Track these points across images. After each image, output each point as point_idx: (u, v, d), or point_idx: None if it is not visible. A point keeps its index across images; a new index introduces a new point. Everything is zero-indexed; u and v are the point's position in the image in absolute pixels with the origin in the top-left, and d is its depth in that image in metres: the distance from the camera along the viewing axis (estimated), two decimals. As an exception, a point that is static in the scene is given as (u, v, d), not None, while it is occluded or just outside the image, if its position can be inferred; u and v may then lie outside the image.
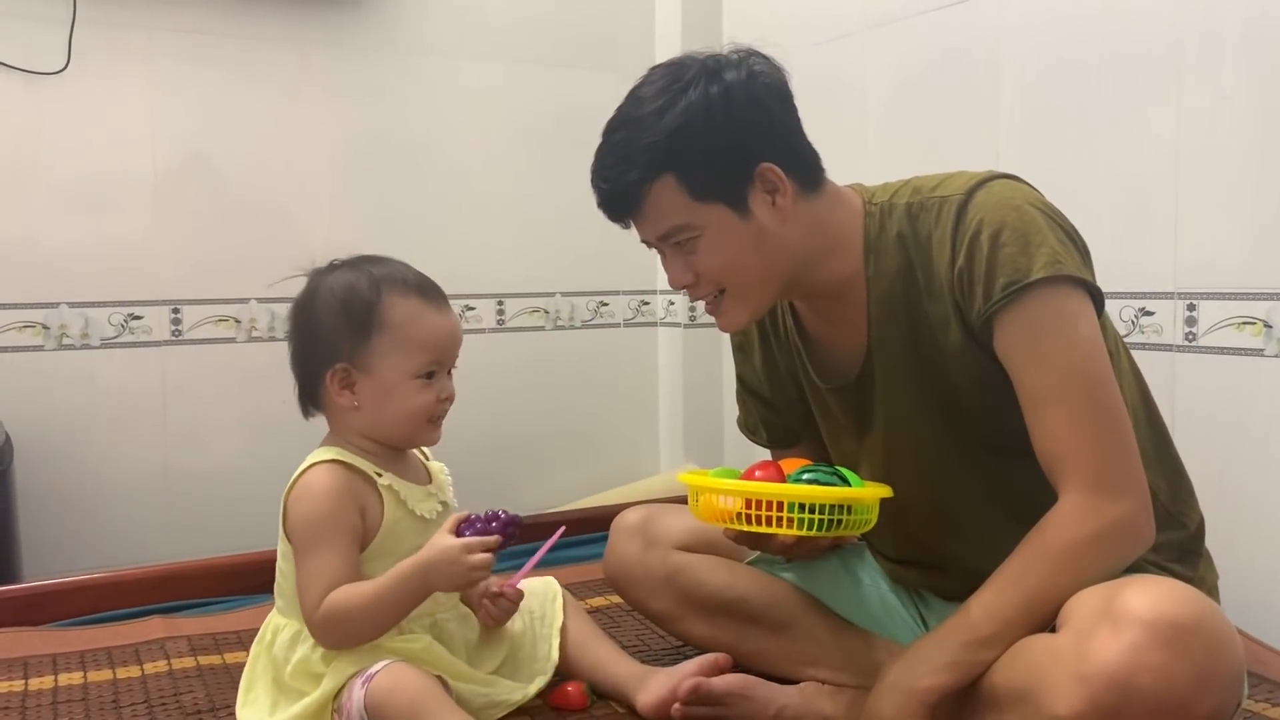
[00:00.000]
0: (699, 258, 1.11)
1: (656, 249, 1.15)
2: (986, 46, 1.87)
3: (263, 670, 1.20)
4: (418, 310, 1.17)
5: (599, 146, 1.15)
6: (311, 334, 1.20)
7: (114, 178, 2.08)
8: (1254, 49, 1.50)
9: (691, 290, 1.14)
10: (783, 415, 1.31)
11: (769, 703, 1.19)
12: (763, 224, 1.09)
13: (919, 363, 1.12)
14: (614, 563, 1.37)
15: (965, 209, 1.06)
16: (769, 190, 1.09)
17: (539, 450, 2.48)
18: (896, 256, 1.11)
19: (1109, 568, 1.00)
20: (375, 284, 1.17)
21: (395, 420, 1.18)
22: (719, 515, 1.07)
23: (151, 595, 1.70)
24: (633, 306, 2.61)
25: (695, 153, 1.07)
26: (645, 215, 1.11)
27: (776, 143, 1.10)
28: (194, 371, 2.15)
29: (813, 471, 1.06)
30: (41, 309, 2.04)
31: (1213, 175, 1.55)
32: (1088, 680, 0.88)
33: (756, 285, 1.12)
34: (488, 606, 1.23)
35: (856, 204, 1.15)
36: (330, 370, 1.17)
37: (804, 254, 1.12)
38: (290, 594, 1.17)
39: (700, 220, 1.09)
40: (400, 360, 1.16)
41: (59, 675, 1.41)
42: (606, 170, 1.12)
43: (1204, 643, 0.88)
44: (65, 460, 2.05)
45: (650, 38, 2.57)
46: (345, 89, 2.26)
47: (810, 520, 1.02)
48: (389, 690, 1.07)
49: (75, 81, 2.02)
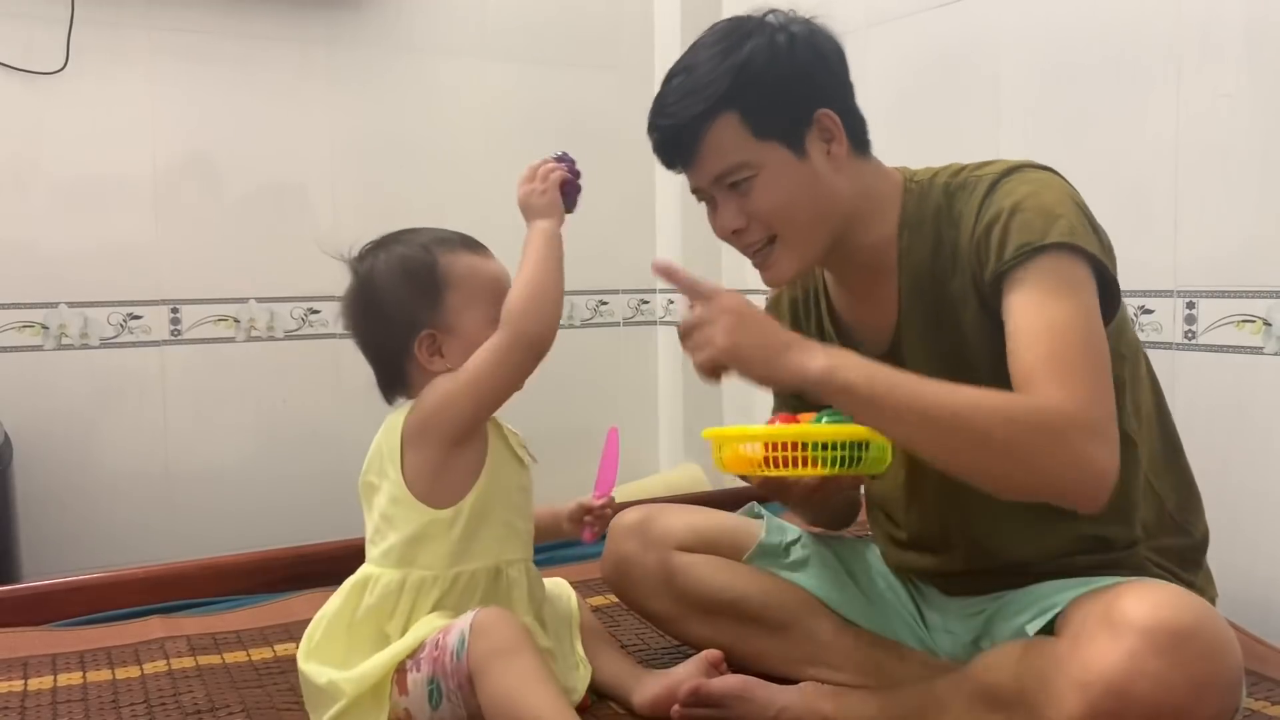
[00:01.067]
0: (753, 199, 1.12)
1: (707, 197, 1.17)
2: (987, 44, 1.87)
3: (337, 615, 1.16)
4: (471, 261, 1.21)
5: (658, 93, 1.17)
6: (382, 314, 1.20)
7: (113, 177, 2.08)
8: (1254, 46, 1.50)
9: (741, 236, 1.15)
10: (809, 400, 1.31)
11: (768, 704, 1.19)
12: (817, 168, 1.12)
13: (941, 339, 1.13)
14: (613, 563, 1.37)
15: (996, 186, 1.09)
16: (825, 138, 1.12)
17: (539, 450, 2.46)
18: (929, 233, 1.13)
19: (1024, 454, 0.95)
20: (426, 249, 1.20)
21: None
22: (744, 463, 1.09)
23: (151, 595, 1.70)
24: (632, 305, 2.61)
25: (758, 91, 1.10)
26: (703, 155, 1.12)
27: (834, 94, 1.14)
28: (193, 371, 2.15)
29: (830, 415, 1.08)
30: (41, 309, 2.04)
31: (1212, 173, 1.55)
32: (1086, 687, 0.88)
33: (806, 231, 1.14)
34: (590, 521, 1.29)
35: (897, 179, 1.18)
36: (416, 340, 1.17)
37: (850, 211, 1.14)
38: (394, 540, 1.15)
39: (759, 159, 1.11)
40: (477, 311, 1.18)
41: (58, 675, 1.41)
42: (668, 109, 1.14)
43: (1202, 649, 0.88)
44: (65, 460, 2.05)
45: (650, 37, 2.57)
46: (345, 88, 2.26)
47: (831, 458, 1.04)
48: (499, 616, 1.08)
49: (74, 81, 2.02)
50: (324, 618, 1.18)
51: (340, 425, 1.25)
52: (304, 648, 1.17)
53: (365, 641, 1.15)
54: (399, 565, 1.16)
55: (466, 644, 1.06)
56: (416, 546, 1.16)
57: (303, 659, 1.16)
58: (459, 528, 1.15)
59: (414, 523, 1.16)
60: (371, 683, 1.10)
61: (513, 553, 1.20)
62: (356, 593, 1.17)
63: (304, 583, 1.74)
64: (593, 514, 1.29)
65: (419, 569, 1.15)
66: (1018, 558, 1.14)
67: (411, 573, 1.15)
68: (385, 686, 1.11)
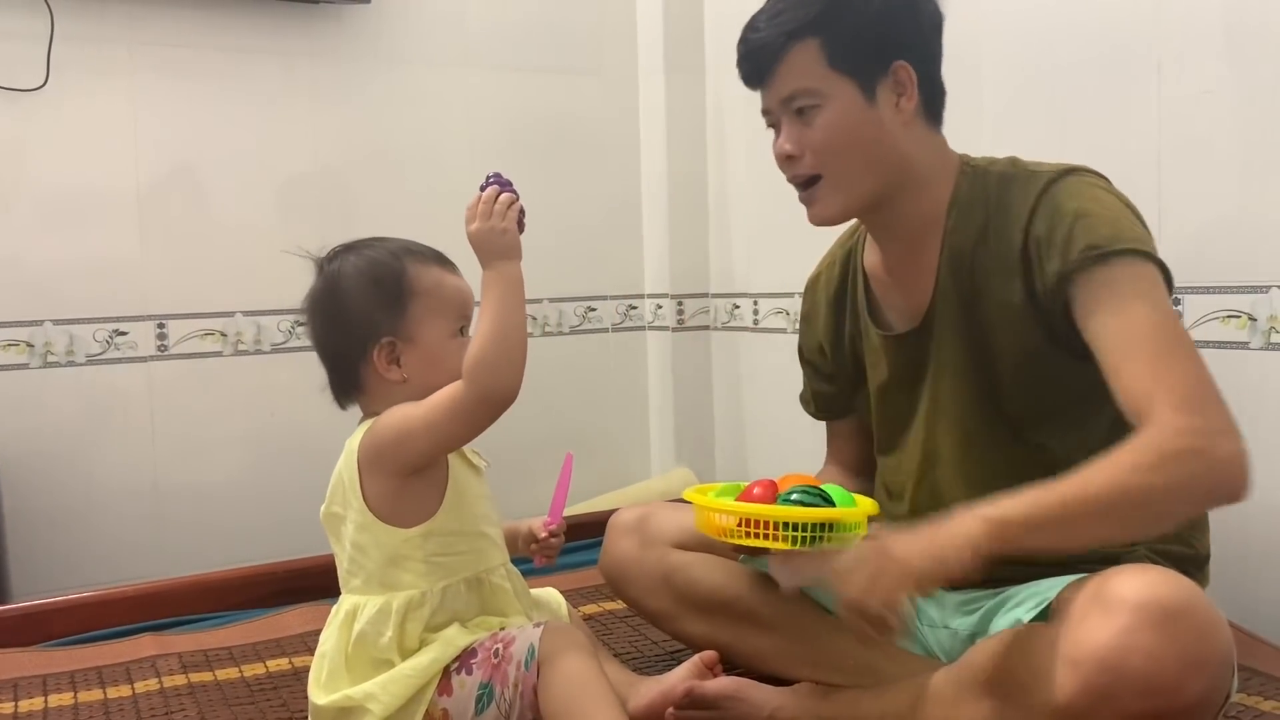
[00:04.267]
0: (814, 130, 1.14)
1: (774, 121, 1.18)
2: (969, 42, 1.88)
3: (336, 650, 1.16)
4: (439, 275, 1.21)
5: (755, 12, 1.19)
6: (344, 317, 1.18)
7: (96, 193, 2.07)
8: (1235, 41, 1.51)
9: (792, 164, 1.17)
10: (837, 384, 1.35)
11: (762, 705, 1.19)
12: (882, 117, 1.14)
13: (972, 320, 1.15)
14: (610, 561, 1.38)
15: (1054, 185, 1.11)
16: (897, 90, 1.14)
17: (529, 457, 2.47)
18: (977, 217, 1.15)
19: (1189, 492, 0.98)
20: (395, 256, 1.20)
21: (444, 377, 1.15)
22: (718, 531, 1.15)
23: (142, 613, 1.69)
24: (620, 311, 2.61)
25: (844, 24, 1.13)
26: (778, 74, 1.15)
27: (918, 52, 1.16)
28: (181, 386, 2.14)
29: (801, 493, 1.13)
30: (26, 327, 2.03)
31: (1195, 169, 1.56)
32: (1079, 664, 0.89)
33: (855, 175, 1.16)
34: (536, 550, 1.28)
35: (955, 159, 1.20)
36: (376, 346, 1.17)
37: (903, 172, 1.16)
38: (371, 568, 1.15)
39: (829, 89, 1.13)
40: (439, 324, 1.18)
41: (49, 696, 1.40)
42: (759, 23, 1.16)
43: (1193, 626, 0.88)
44: (53, 478, 2.04)
45: (633, 42, 2.57)
46: (329, 99, 2.26)
47: (798, 537, 1.09)
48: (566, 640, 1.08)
49: (55, 97, 2.01)
50: (324, 656, 1.17)
51: (329, 438, 1.24)
52: (313, 687, 1.17)
53: (368, 668, 1.14)
54: (382, 590, 1.15)
55: (536, 655, 1.08)
56: (395, 569, 1.15)
57: (318, 694, 1.16)
58: (433, 544, 1.15)
59: (387, 546, 1.15)
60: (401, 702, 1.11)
61: (491, 559, 1.20)
62: (347, 624, 1.16)
63: (296, 597, 1.73)
64: (539, 544, 1.29)
65: (403, 590, 1.15)
66: None
67: (396, 595, 1.14)
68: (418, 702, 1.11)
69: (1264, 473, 1.49)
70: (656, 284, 2.60)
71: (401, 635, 1.13)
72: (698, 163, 2.55)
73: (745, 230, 2.48)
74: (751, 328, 2.47)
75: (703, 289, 2.59)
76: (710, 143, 2.55)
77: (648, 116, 2.57)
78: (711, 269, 2.59)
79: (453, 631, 1.14)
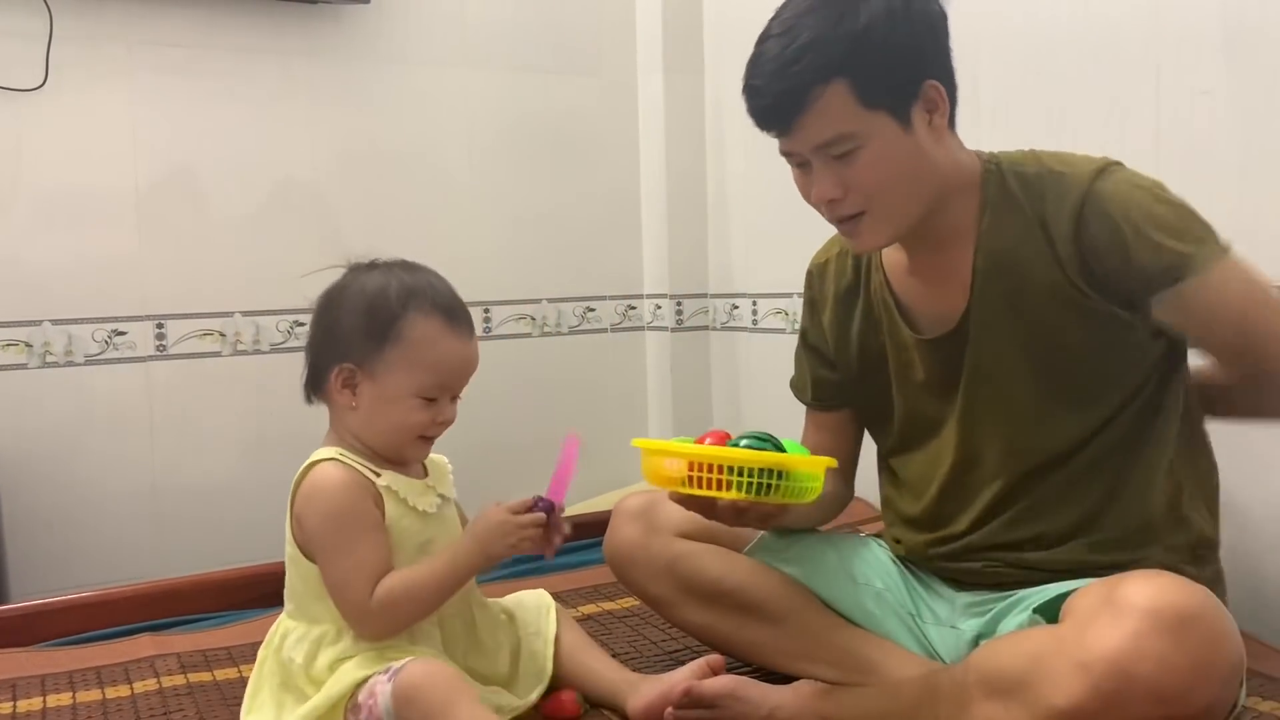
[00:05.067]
0: (856, 170, 1.10)
1: (799, 162, 1.14)
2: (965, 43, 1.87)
3: (269, 674, 1.19)
4: (438, 332, 1.17)
5: (753, 56, 1.12)
6: (331, 327, 1.20)
7: (95, 193, 2.06)
8: (1232, 44, 1.51)
9: (833, 206, 1.13)
10: (838, 374, 1.33)
11: (761, 703, 1.19)
12: (921, 141, 1.11)
13: (1017, 320, 1.14)
14: (615, 546, 1.38)
15: (1092, 195, 1.09)
16: (929, 109, 1.11)
17: (528, 457, 2.46)
18: (1012, 217, 1.14)
19: None
20: (404, 295, 1.17)
21: (386, 431, 1.19)
22: (665, 480, 1.10)
23: (141, 613, 1.69)
24: (619, 311, 2.61)
25: (873, 60, 1.07)
26: (808, 122, 1.09)
27: (941, 63, 1.13)
28: (180, 386, 2.14)
29: (750, 439, 1.08)
30: (24, 327, 2.03)
31: (1193, 169, 1.56)
32: (1088, 667, 0.88)
33: (903, 205, 1.13)
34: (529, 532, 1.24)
35: (975, 159, 1.18)
36: (337, 367, 1.17)
37: (942, 185, 1.14)
38: (302, 596, 1.17)
39: (866, 130, 1.09)
40: (406, 377, 1.16)
41: (47, 696, 1.40)
42: (773, 74, 1.09)
43: (1204, 633, 0.88)
44: (51, 478, 2.03)
45: (632, 42, 2.57)
46: (328, 99, 2.25)
47: (745, 484, 1.04)
48: (423, 677, 1.07)
49: (54, 97, 2.01)
50: (256, 672, 1.19)
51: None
52: (245, 704, 1.19)
53: (284, 694, 1.16)
54: (305, 620, 1.17)
55: (393, 711, 1.07)
56: (316, 602, 1.16)
57: (244, 715, 1.18)
58: None
59: (310, 580, 1.17)
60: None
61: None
62: (277, 647, 1.18)
63: (295, 597, 1.73)
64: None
65: (322, 624, 1.16)
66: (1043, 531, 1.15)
67: (313, 628, 1.16)
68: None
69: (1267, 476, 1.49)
70: (655, 284, 2.60)
71: (311, 667, 1.14)
72: (697, 163, 2.55)
73: (744, 230, 2.48)
74: (750, 328, 2.47)
75: (702, 289, 2.59)
76: (709, 143, 2.55)
77: (646, 116, 2.57)
78: (710, 269, 2.59)
79: (349, 666, 1.13)
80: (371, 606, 1.12)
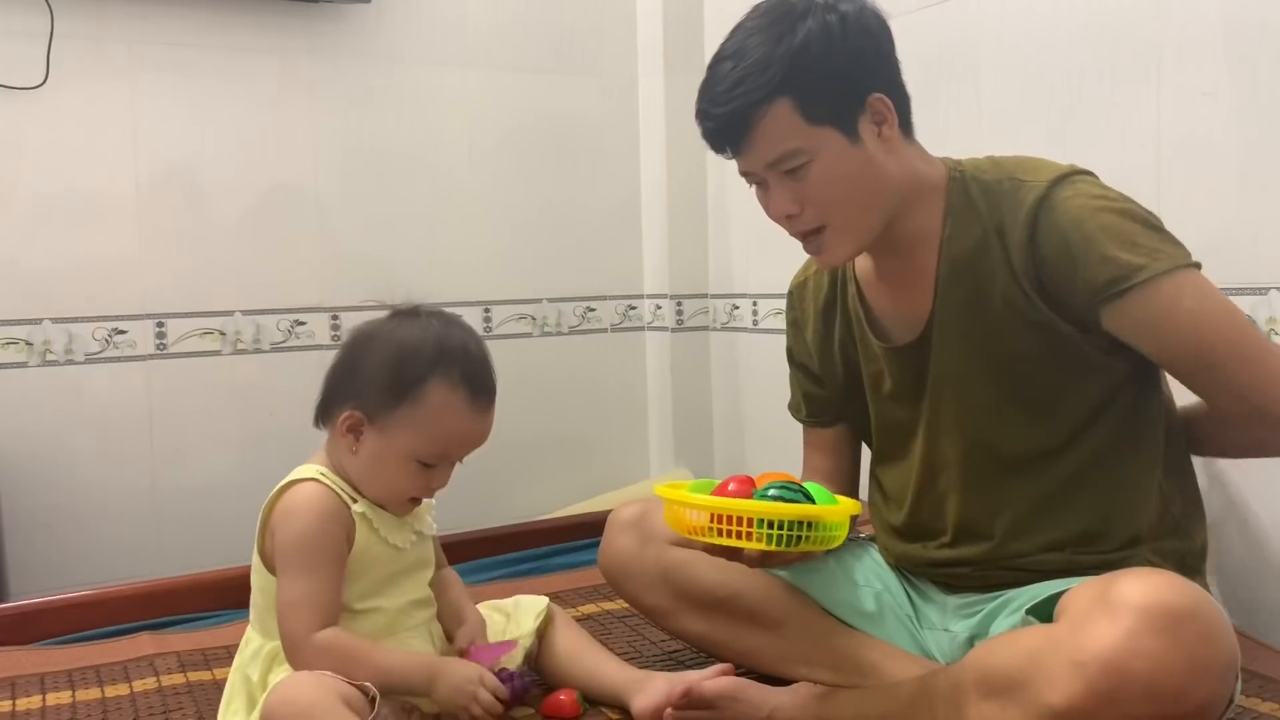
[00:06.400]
0: (809, 186, 1.12)
1: (758, 181, 1.16)
2: (967, 44, 1.88)
3: (241, 683, 1.19)
4: (459, 404, 1.15)
5: (705, 79, 1.14)
6: (354, 368, 1.18)
7: (96, 192, 2.06)
8: (1233, 44, 1.51)
9: (793, 222, 1.15)
10: (826, 389, 1.34)
11: (760, 704, 1.19)
12: (871, 153, 1.12)
13: (975, 327, 1.15)
14: (610, 557, 1.38)
15: (1046, 203, 1.09)
16: (877, 120, 1.12)
17: (529, 457, 2.48)
18: (973, 224, 1.14)
19: None
20: (435, 359, 1.15)
21: (378, 484, 1.18)
22: (690, 528, 1.10)
23: (140, 612, 1.69)
24: (620, 311, 2.61)
25: (812, 77, 1.09)
26: (756, 141, 1.11)
27: (885, 75, 1.14)
28: (179, 385, 2.14)
29: (779, 488, 1.08)
30: (24, 325, 2.03)
31: (1194, 171, 1.56)
32: (1083, 666, 0.88)
33: (860, 216, 1.14)
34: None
35: (940, 166, 1.19)
36: (348, 410, 1.16)
37: (900, 194, 1.15)
38: (261, 610, 1.17)
39: (813, 145, 1.10)
40: (413, 439, 1.15)
41: (46, 695, 1.40)
42: (719, 96, 1.11)
43: (1199, 630, 0.88)
44: (51, 477, 2.03)
45: (632, 43, 2.57)
46: (328, 98, 2.25)
47: (773, 535, 1.04)
48: (279, 702, 1.05)
49: (55, 96, 2.01)
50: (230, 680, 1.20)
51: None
52: (220, 711, 1.19)
53: (247, 704, 1.16)
54: (261, 632, 1.17)
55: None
56: (270, 617, 1.16)
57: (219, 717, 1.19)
58: None
59: (268, 593, 1.16)
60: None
61: (374, 628, 1.17)
62: (241, 656, 1.19)
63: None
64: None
65: (275, 639, 1.15)
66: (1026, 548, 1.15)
67: (268, 643, 1.16)
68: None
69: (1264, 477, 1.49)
70: (656, 284, 2.60)
71: (265, 681, 1.14)
72: (697, 163, 2.55)
73: (744, 231, 2.48)
74: (750, 328, 2.47)
75: (702, 289, 2.59)
76: (710, 143, 2.54)
77: (647, 117, 2.56)
78: (710, 269, 2.59)
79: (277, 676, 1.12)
80: (309, 643, 1.10)
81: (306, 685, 1.05)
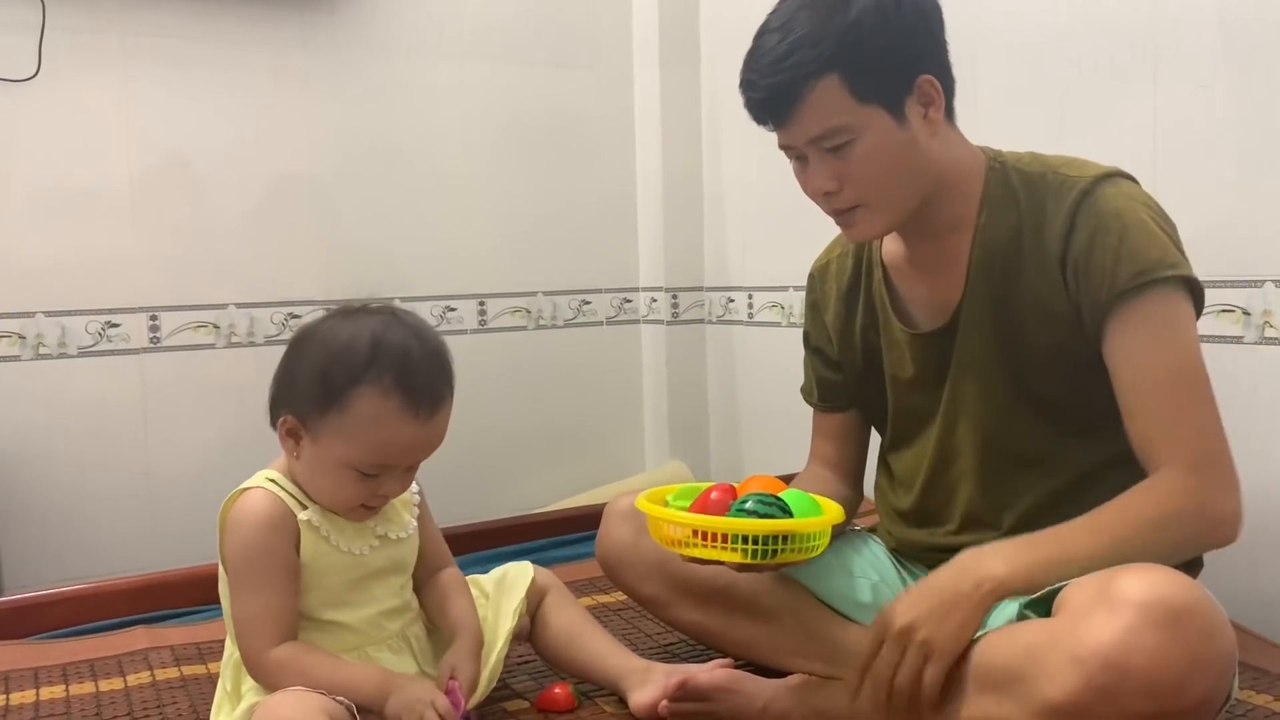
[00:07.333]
0: (851, 164, 1.11)
1: (797, 156, 1.15)
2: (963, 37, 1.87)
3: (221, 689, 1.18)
4: (390, 413, 1.06)
5: (750, 49, 1.13)
6: (290, 371, 1.13)
7: (88, 185, 2.06)
8: (1229, 38, 1.51)
9: (829, 199, 1.15)
10: (842, 373, 1.34)
11: (756, 696, 1.19)
12: (916, 134, 1.12)
13: (1002, 317, 1.15)
14: (606, 547, 1.38)
15: (1090, 195, 1.10)
16: (924, 102, 1.12)
17: (524, 450, 2.48)
18: (1009, 215, 1.15)
19: (1184, 548, 1.06)
20: (367, 364, 1.06)
21: (322, 493, 1.13)
22: (671, 541, 1.12)
23: (135, 605, 1.68)
24: (615, 304, 2.61)
25: (863, 54, 1.08)
26: (802, 116, 1.10)
27: (935, 57, 1.13)
28: (173, 379, 2.14)
29: (756, 500, 1.10)
30: (17, 318, 2.02)
31: (1190, 164, 1.56)
32: (1082, 661, 0.88)
33: (898, 197, 1.14)
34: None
35: (980, 155, 1.19)
36: (284, 414, 1.12)
37: (938, 177, 1.15)
38: (228, 616, 1.14)
39: (859, 123, 1.09)
40: (345, 449, 1.08)
41: (40, 689, 1.39)
42: (767, 68, 1.10)
43: (1198, 626, 0.88)
44: (45, 471, 2.03)
45: (628, 36, 2.57)
46: (322, 91, 2.25)
47: (750, 550, 1.07)
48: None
49: (47, 88, 2.00)
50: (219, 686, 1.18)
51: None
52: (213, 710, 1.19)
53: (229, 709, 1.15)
54: (230, 639, 1.16)
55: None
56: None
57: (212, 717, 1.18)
58: None
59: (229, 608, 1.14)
60: None
61: (343, 643, 1.14)
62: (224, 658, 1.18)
63: (289, 590, 1.72)
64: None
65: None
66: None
67: (235, 651, 1.14)
68: None
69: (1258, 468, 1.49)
70: (651, 277, 2.60)
71: (238, 690, 1.13)
72: (693, 156, 2.54)
73: (740, 224, 2.48)
74: (746, 321, 2.47)
75: (697, 282, 2.58)
76: (705, 136, 2.54)
77: (643, 110, 2.56)
78: (706, 262, 2.59)
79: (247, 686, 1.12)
80: (267, 659, 1.08)
81: (289, 705, 1.03)
